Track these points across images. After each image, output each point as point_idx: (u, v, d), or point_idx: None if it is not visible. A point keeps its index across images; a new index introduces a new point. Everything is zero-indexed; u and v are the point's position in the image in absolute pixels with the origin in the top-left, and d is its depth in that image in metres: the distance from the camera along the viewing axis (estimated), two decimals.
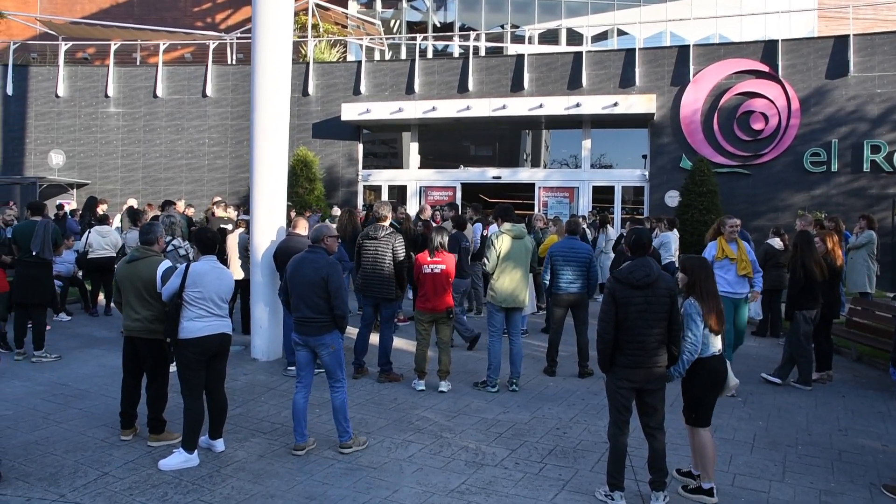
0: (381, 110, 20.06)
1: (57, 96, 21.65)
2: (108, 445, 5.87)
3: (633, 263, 4.86)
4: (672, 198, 18.53)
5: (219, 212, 11.38)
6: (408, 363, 8.31)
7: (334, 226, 9.07)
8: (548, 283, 8.52)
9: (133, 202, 14.81)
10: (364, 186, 21.33)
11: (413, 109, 19.90)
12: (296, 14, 23.71)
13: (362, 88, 20.73)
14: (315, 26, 23.37)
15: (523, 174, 20.79)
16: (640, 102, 18.65)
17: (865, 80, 17.60)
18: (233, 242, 10.00)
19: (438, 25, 27.92)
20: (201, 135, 21.42)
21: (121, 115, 21.61)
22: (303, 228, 8.49)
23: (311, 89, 20.99)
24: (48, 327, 10.01)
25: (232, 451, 5.76)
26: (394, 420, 6.64)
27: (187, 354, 5.42)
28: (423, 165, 21.41)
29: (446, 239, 7.86)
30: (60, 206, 16.83)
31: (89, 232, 11.46)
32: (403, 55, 25.23)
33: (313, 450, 5.77)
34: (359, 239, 8.19)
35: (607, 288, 4.91)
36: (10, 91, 21.54)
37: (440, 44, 26.70)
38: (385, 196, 20.88)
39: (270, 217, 9.01)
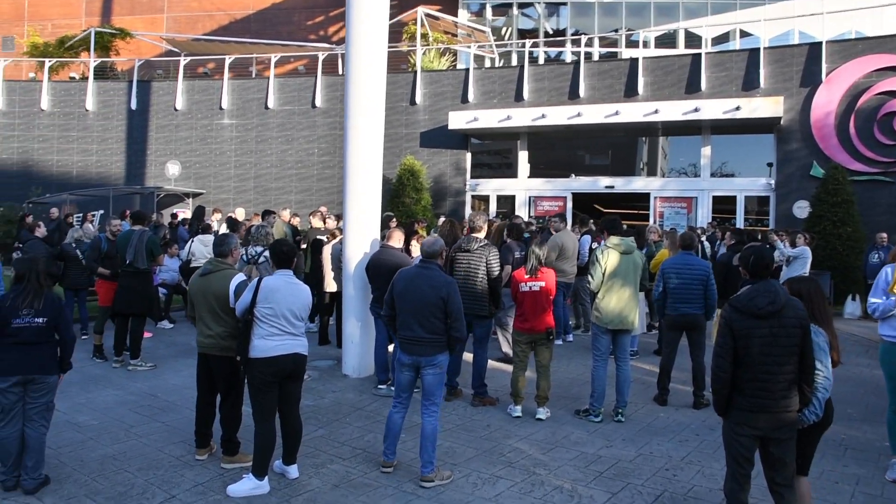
0: (490, 118, 19.57)
1: (175, 109, 22.45)
2: (182, 465, 5.61)
3: (754, 288, 4.06)
4: (801, 208, 17.04)
5: (315, 222, 11.16)
6: (504, 385, 7.71)
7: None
8: (660, 302, 7.75)
9: (241, 211, 14.96)
10: (472, 196, 20.89)
11: (522, 117, 19.29)
12: (405, 24, 23.75)
13: (470, 96, 20.34)
14: (424, 36, 23.21)
15: (637, 183, 19.72)
16: (766, 106, 17.28)
17: None
18: (327, 254, 9.74)
19: (551, 32, 27.26)
20: (310, 145, 21.64)
21: (234, 127, 22.15)
22: (397, 241, 8.04)
23: (418, 98, 20.78)
24: (149, 335, 10.11)
25: (306, 478, 5.36)
26: (484, 451, 6.06)
27: (257, 375, 5.04)
28: (533, 174, 20.72)
29: (545, 253, 7.24)
30: (174, 216, 17.29)
31: (192, 241, 11.54)
32: (514, 62, 24.69)
33: (391, 482, 5.28)
34: (451, 251, 7.65)
35: (723, 317, 4.12)
36: (134, 106, 22.53)
37: (553, 50, 26.05)
38: (493, 206, 20.37)
39: (364, 228, 8.60)
